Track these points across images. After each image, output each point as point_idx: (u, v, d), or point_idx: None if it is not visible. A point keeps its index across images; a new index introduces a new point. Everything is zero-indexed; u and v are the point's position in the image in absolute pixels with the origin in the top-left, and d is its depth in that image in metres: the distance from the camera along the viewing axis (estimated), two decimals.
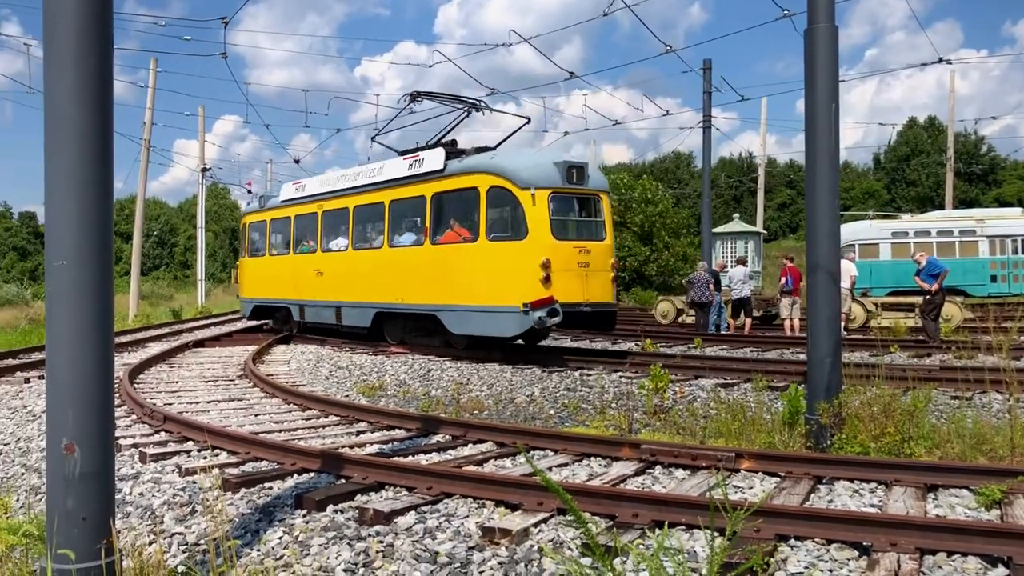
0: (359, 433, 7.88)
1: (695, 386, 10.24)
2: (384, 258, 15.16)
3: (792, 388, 7.41)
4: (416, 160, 14.51)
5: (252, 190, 35.06)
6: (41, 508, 5.30)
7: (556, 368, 12.32)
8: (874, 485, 5.43)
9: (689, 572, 3.06)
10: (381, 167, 15.61)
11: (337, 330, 17.24)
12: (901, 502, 4.90)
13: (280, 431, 7.82)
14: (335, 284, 16.55)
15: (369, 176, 15.85)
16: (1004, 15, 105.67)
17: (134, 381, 10.98)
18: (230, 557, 3.81)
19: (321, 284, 17.02)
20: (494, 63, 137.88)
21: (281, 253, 19.11)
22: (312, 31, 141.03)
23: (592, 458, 6.46)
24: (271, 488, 5.62)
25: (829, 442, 6.59)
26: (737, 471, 5.86)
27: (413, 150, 15.14)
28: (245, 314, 21.10)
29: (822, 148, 7.04)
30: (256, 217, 20.34)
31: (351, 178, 16.49)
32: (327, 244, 17.06)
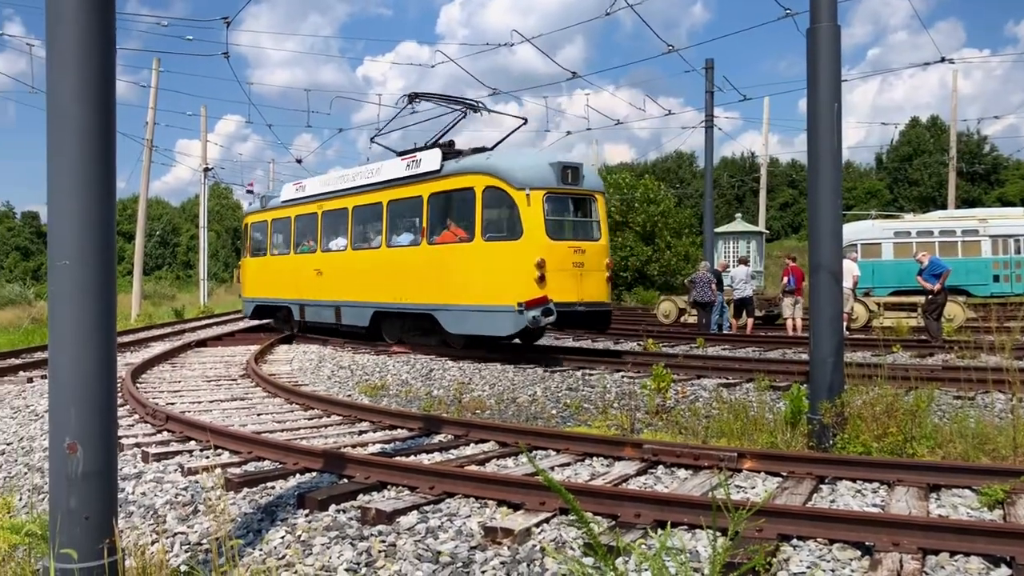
0: (361, 433, 7.89)
1: (697, 386, 10.23)
2: (382, 258, 15.20)
3: (794, 388, 7.41)
4: (413, 161, 14.55)
5: (254, 190, 35.01)
6: (44, 507, 5.31)
7: (558, 368, 12.32)
8: (876, 485, 5.42)
9: (691, 572, 3.06)
10: (379, 167, 15.65)
11: (337, 329, 17.28)
12: (903, 502, 4.89)
13: (282, 431, 7.82)
14: (334, 284, 16.58)
15: (368, 176, 15.88)
16: (1007, 14, 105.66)
17: (136, 381, 10.99)
18: (232, 557, 3.81)
19: (321, 284, 17.06)
20: (496, 63, 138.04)
21: (282, 253, 19.15)
22: (314, 31, 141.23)
23: (594, 458, 6.46)
24: (273, 488, 5.62)
25: (831, 442, 6.58)
26: (739, 471, 5.86)
27: (411, 151, 15.16)
28: (247, 314, 21.18)
29: (824, 148, 7.03)
30: (258, 217, 20.41)
31: (350, 178, 16.53)
32: (327, 244, 17.10)
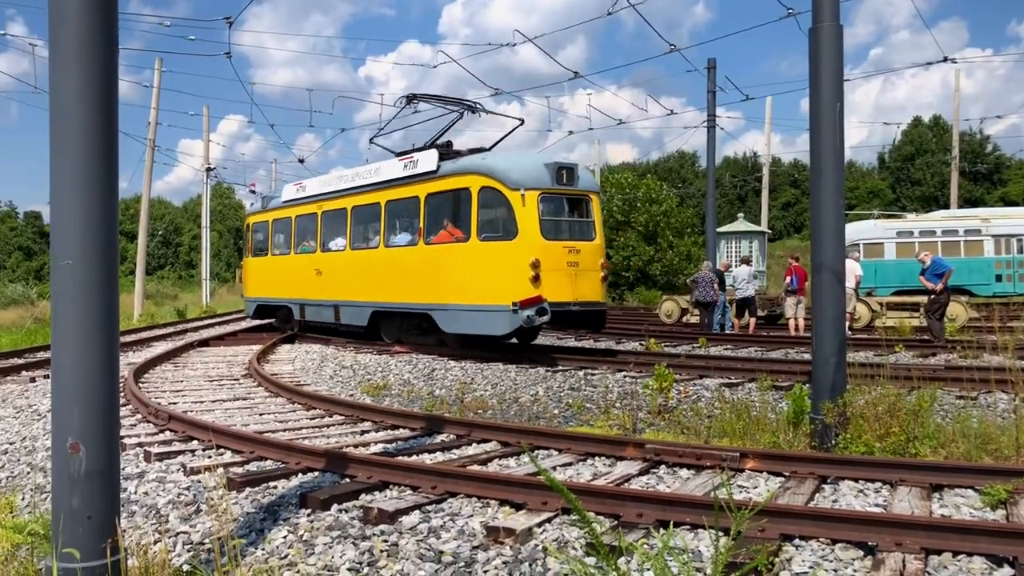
0: (363, 432, 7.89)
1: (699, 386, 10.22)
2: (380, 258, 15.30)
3: (797, 388, 7.41)
4: (411, 161, 14.66)
5: (256, 191, 35.06)
6: (46, 507, 5.31)
7: (560, 368, 12.32)
8: (879, 485, 5.42)
9: (694, 572, 3.06)
10: (378, 168, 15.76)
11: (336, 329, 17.38)
12: (906, 502, 4.89)
13: (284, 430, 7.82)
14: (334, 283, 16.70)
15: (366, 177, 16.00)
16: (1009, 14, 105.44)
17: (139, 380, 11.00)
18: (235, 556, 3.82)
19: (321, 283, 17.17)
20: (498, 63, 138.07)
21: (283, 253, 19.27)
22: (317, 31, 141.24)
23: (596, 458, 6.46)
24: (276, 487, 5.63)
25: (834, 442, 6.57)
26: (742, 471, 5.85)
27: (408, 151, 15.25)
28: (249, 313, 21.32)
29: (827, 147, 7.02)
30: (259, 217, 20.52)
31: (349, 179, 16.65)
32: (326, 244, 17.21)
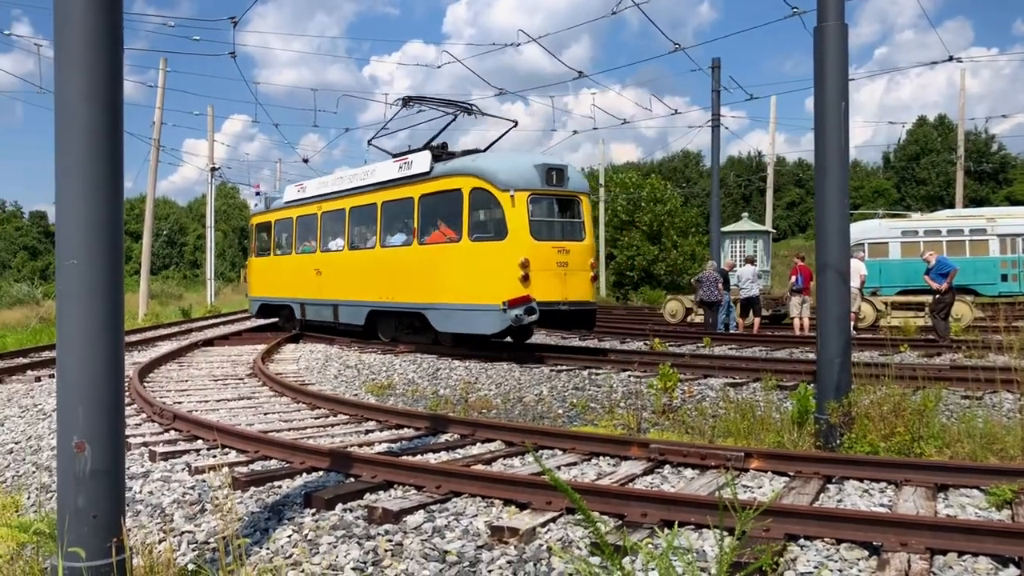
0: (368, 432, 7.89)
1: (704, 385, 10.21)
2: (377, 258, 15.47)
3: (801, 387, 7.40)
4: (405, 163, 14.82)
5: (260, 192, 35.14)
6: (52, 506, 5.33)
7: (564, 367, 12.32)
8: (884, 485, 5.40)
9: (698, 571, 3.05)
10: (374, 169, 15.96)
11: (335, 328, 17.54)
12: (911, 502, 4.88)
13: (289, 430, 7.83)
14: (333, 283, 16.88)
15: (364, 178, 16.20)
16: (1015, 13, 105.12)
17: (144, 380, 11.02)
18: (240, 555, 3.82)
19: (320, 283, 17.36)
20: (502, 62, 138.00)
21: (285, 253, 19.48)
22: (321, 31, 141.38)
23: (601, 457, 6.45)
24: (280, 487, 5.63)
25: (838, 442, 6.56)
26: (746, 471, 5.84)
27: (404, 152, 15.40)
28: (253, 313, 21.53)
29: (832, 147, 7.01)
30: (262, 218, 20.75)
31: (348, 180, 16.85)
32: (326, 244, 17.41)
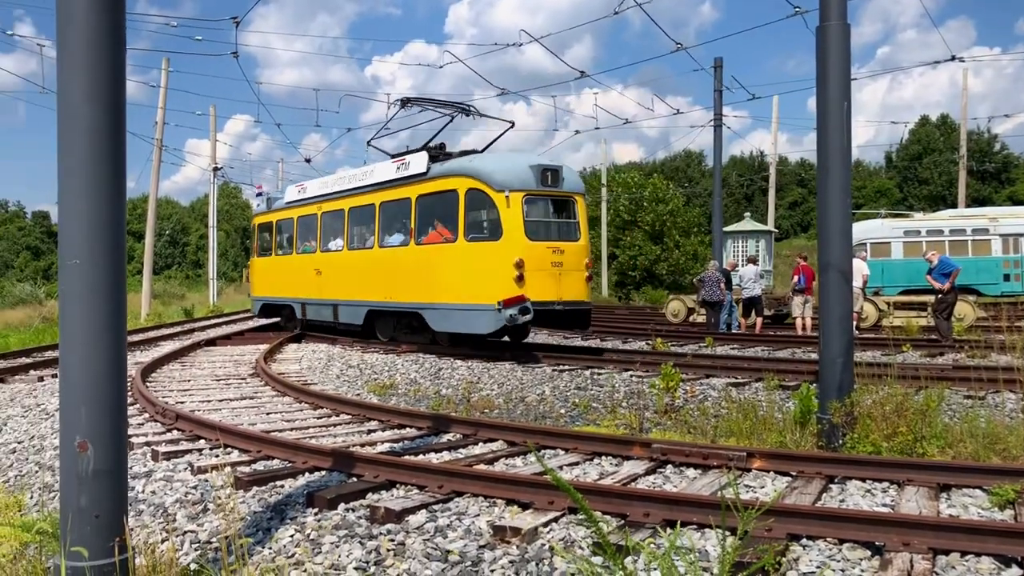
0: (370, 432, 7.90)
1: (706, 385, 10.21)
2: (375, 258, 15.56)
3: (804, 387, 7.38)
4: (403, 163, 14.92)
5: (262, 191, 35.20)
6: (55, 506, 5.34)
7: (567, 367, 12.33)
8: (886, 485, 5.40)
9: (700, 571, 3.05)
10: (372, 170, 16.06)
11: (335, 327, 17.62)
12: (914, 502, 4.87)
13: (291, 430, 7.84)
14: (332, 283, 16.99)
15: (363, 179, 16.31)
16: (1017, 13, 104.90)
17: (146, 380, 11.03)
18: (242, 555, 3.83)
19: (320, 283, 17.47)
20: (504, 62, 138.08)
21: (286, 253, 19.61)
22: (323, 31, 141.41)
23: (603, 457, 6.45)
24: (283, 486, 5.64)
25: (841, 441, 6.56)
26: (748, 470, 5.84)
27: (402, 153, 15.48)
28: (255, 312, 21.65)
29: (834, 146, 7.00)
30: (264, 218, 20.89)
31: (347, 180, 16.96)
32: (326, 244, 17.52)
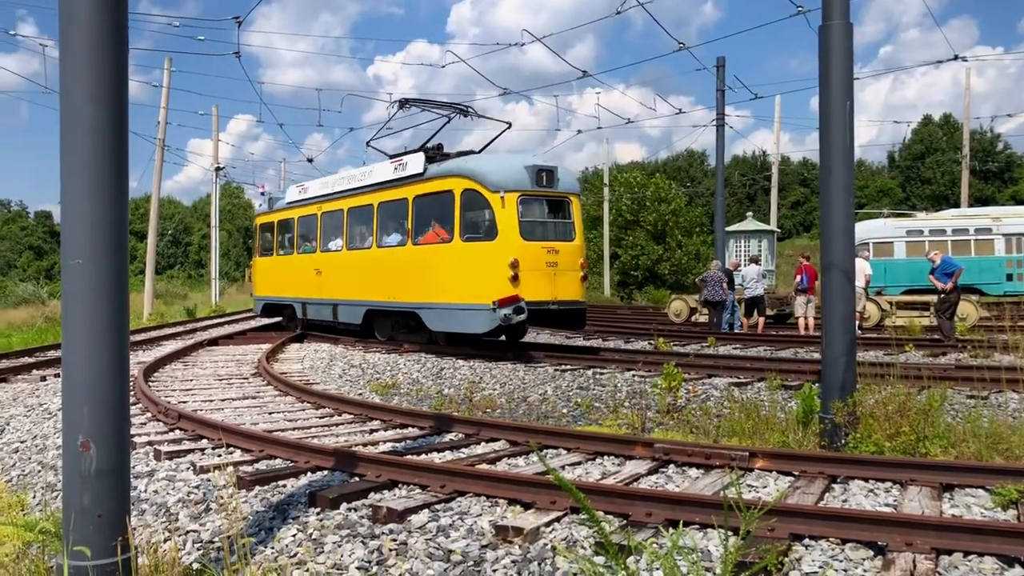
0: (372, 431, 7.90)
1: (708, 385, 10.20)
2: (373, 258, 15.66)
3: (806, 387, 7.37)
4: (400, 164, 15.00)
5: (264, 191, 35.26)
6: (57, 505, 5.34)
7: (569, 367, 12.33)
8: (889, 484, 5.39)
9: (703, 571, 3.05)
10: (371, 170, 16.16)
11: (335, 327, 17.70)
12: (916, 502, 4.86)
13: (294, 429, 7.84)
14: (332, 283, 17.08)
15: (361, 179, 16.40)
16: (1020, 12, 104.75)
17: (149, 379, 11.04)
18: (244, 555, 3.83)
19: (320, 283, 17.57)
20: (506, 62, 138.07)
21: (287, 253, 19.70)
22: (325, 31, 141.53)
23: (605, 457, 6.45)
24: (285, 486, 5.64)
25: (843, 441, 6.55)
26: (751, 470, 5.84)
27: (400, 154, 15.56)
28: (257, 312, 21.78)
29: (836, 146, 6.99)
30: (266, 218, 21.00)
31: (347, 181, 17.06)
32: (326, 244, 17.62)
